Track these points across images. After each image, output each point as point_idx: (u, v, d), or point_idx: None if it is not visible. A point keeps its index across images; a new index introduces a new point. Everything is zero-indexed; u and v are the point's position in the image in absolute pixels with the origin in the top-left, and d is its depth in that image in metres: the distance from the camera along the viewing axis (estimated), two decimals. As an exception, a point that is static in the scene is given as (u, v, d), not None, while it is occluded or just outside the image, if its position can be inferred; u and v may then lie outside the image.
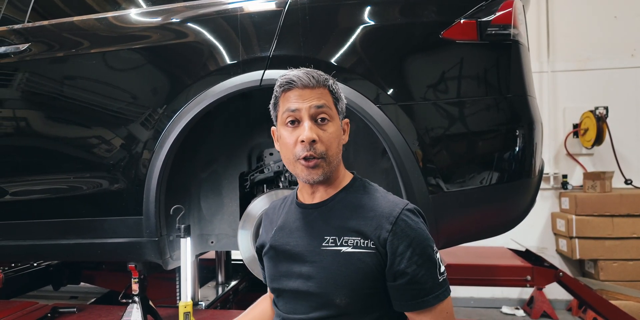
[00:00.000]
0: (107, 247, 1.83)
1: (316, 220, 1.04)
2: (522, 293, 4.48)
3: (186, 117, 1.69)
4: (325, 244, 1.00)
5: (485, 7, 1.65)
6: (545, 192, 4.58)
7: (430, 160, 1.61)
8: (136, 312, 1.88)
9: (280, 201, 1.20)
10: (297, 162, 1.00)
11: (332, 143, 1.00)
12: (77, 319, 2.18)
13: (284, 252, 1.06)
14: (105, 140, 1.84)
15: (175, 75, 1.80)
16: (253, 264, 1.84)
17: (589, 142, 4.34)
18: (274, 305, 1.11)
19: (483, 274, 3.15)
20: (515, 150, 1.65)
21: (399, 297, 0.96)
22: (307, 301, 1.00)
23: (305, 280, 1.00)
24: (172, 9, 1.85)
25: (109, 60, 1.85)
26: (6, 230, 1.95)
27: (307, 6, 1.70)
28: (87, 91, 1.86)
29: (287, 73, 1.02)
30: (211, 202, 2.06)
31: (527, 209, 1.76)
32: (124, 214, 1.80)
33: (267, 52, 1.68)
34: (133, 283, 1.90)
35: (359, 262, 0.96)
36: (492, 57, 1.66)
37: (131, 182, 1.78)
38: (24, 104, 1.95)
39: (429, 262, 0.94)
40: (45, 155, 1.93)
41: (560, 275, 3.01)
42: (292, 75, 1.01)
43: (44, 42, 1.93)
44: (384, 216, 0.97)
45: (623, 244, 4.02)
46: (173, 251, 1.85)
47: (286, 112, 1.01)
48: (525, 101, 1.69)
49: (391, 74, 1.66)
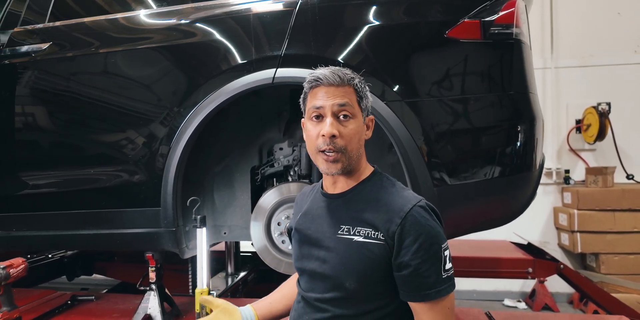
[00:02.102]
0: (126, 237, 1.91)
1: (335, 210, 1.12)
2: (524, 286, 4.55)
3: (201, 114, 1.77)
4: (341, 232, 1.08)
5: (489, 7, 1.71)
6: (547, 187, 4.64)
7: (435, 154, 1.69)
8: (153, 299, 1.97)
9: (310, 188, 1.29)
10: (318, 155, 1.08)
11: (352, 138, 1.07)
12: (96, 306, 2.28)
13: (305, 235, 1.15)
14: (125, 136, 1.93)
15: (191, 73, 1.87)
16: (265, 253, 1.93)
17: (591, 138, 4.39)
18: (298, 284, 1.19)
19: (486, 266, 3.23)
20: (517, 145, 1.72)
21: (402, 287, 1.03)
22: (322, 282, 1.09)
23: (322, 263, 1.09)
24: (183, 10, 1.93)
25: (128, 59, 1.93)
26: (30, 221, 2.05)
27: (317, 6, 1.77)
28: (106, 89, 1.94)
29: (316, 71, 1.09)
30: (224, 195, 2.15)
31: (528, 202, 1.83)
32: (143, 206, 1.88)
33: (278, 51, 1.75)
34: (150, 271, 1.99)
35: (368, 251, 1.03)
36: (495, 56, 1.72)
37: (150, 175, 1.86)
38: (46, 101, 2.04)
39: (434, 258, 1.00)
40: (67, 150, 2.02)
41: (561, 267, 3.09)
42: (320, 73, 1.08)
43: (65, 41, 2.01)
44: (396, 211, 1.04)
45: (624, 238, 4.08)
46: (189, 241, 1.94)
47: (312, 108, 1.08)
48: (527, 98, 1.76)
49: (398, 72, 1.73)
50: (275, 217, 1.92)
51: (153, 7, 2.06)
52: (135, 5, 2.09)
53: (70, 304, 2.27)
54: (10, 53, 2.05)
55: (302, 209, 1.22)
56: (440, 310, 1.00)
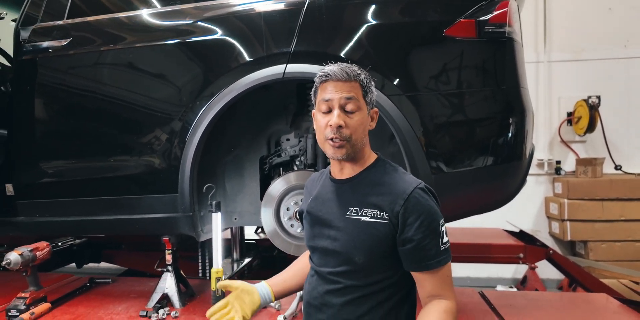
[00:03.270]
0: (145, 221, 2.04)
1: (343, 193, 1.25)
2: (515, 273, 4.73)
3: (217, 106, 1.90)
4: (349, 213, 1.21)
5: (484, 7, 1.84)
6: (539, 178, 4.81)
7: (433, 144, 1.83)
8: (170, 280, 2.11)
9: (318, 175, 1.42)
10: (326, 142, 1.21)
11: (357, 129, 1.19)
12: (112, 288, 2.42)
13: (317, 217, 1.28)
14: (144, 127, 2.05)
15: (207, 68, 1.99)
16: (275, 236, 2.06)
17: (581, 130, 4.55)
18: (310, 260, 1.33)
19: (479, 252, 3.39)
20: (508, 135, 1.86)
21: (406, 259, 1.17)
22: (334, 258, 1.23)
23: (333, 241, 1.22)
24: (200, 7, 2.05)
25: (147, 55, 2.05)
26: (53, 208, 2.17)
27: (324, 6, 1.89)
28: (126, 83, 2.07)
29: (326, 67, 1.21)
30: (234, 182, 2.28)
31: (518, 188, 1.98)
32: (161, 192, 2.01)
33: (288, 48, 1.88)
34: (167, 254, 2.13)
35: (374, 230, 1.17)
36: (489, 53, 1.85)
37: (168, 164, 1.99)
38: (65, 95, 2.15)
39: (434, 233, 1.14)
40: (88, 141, 2.14)
41: (550, 253, 3.26)
42: (329, 69, 1.20)
43: (84, 37, 2.13)
44: (399, 193, 1.17)
45: (612, 226, 4.26)
46: (204, 225, 2.07)
47: (322, 101, 1.21)
48: (518, 92, 1.89)
49: (399, 68, 1.87)
50: (284, 203, 2.06)
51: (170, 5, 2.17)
52: (153, 3, 2.20)
53: (89, 286, 2.41)
54: (31, 48, 2.16)
55: (313, 193, 1.35)
56: (440, 277, 1.16)
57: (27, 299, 1.99)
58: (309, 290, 1.30)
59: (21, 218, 2.21)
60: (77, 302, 2.19)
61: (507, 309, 2.03)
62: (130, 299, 2.22)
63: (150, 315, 1.95)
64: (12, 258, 1.96)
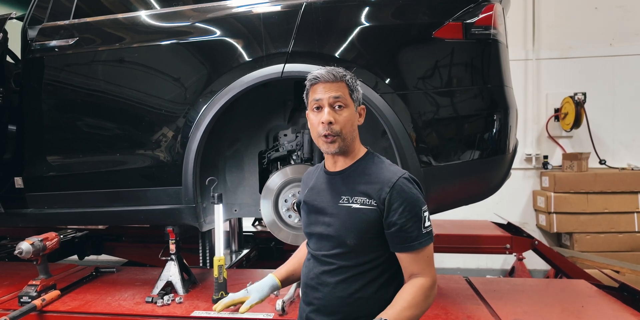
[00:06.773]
0: (150, 212, 2.15)
1: (336, 184, 1.39)
2: (504, 264, 4.90)
3: (219, 102, 2.01)
4: (341, 201, 1.34)
5: (471, 10, 1.96)
6: (527, 172, 4.96)
7: (422, 140, 1.95)
8: (174, 268, 2.22)
9: (314, 168, 1.55)
10: (319, 138, 1.34)
11: (346, 124, 1.32)
12: (118, 277, 2.53)
13: (313, 206, 1.41)
14: (150, 124, 2.15)
15: (210, 67, 2.09)
16: (273, 226, 2.18)
17: (568, 126, 4.70)
18: (307, 246, 1.46)
19: (468, 243, 3.53)
20: (493, 131, 1.99)
21: (391, 241, 1.30)
22: (328, 241, 1.36)
23: (327, 226, 1.36)
24: (204, 8, 2.15)
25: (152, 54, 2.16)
26: (62, 200, 2.27)
27: (320, 8, 2.00)
28: (131, 81, 2.17)
29: (314, 71, 1.35)
30: (234, 176, 2.39)
31: (502, 180, 2.11)
32: (166, 185, 2.13)
33: (286, 48, 1.99)
34: (171, 244, 2.24)
35: (364, 215, 1.30)
36: (475, 54, 1.97)
37: (173, 158, 2.10)
38: (72, 93, 2.24)
39: (416, 217, 1.27)
40: (95, 136, 2.24)
41: (536, 243, 3.40)
42: (317, 72, 1.34)
43: (91, 36, 2.22)
44: (385, 182, 1.30)
45: (596, 218, 4.43)
46: (206, 216, 2.19)
47: (313, 101, 1.34)
48: (503, 90, 2.01)
49: (390, 67, 1.99)
50: (282, 195, 2.18)
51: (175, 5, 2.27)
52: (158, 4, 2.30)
53: (95, 275, 2.51)
54: (39, 47, 2.25)
55: (309, 185, 1.49)
56: (422, 258, 1.29)
57: (38, 286, 2.09)
58: (306, 272, 1.43)
59: (30, 210, 2.32)
60: (85, 290, 2.29)
61: (491, 294, 2.16)
62: (135, 286, 2.33)
63: (156, 301, 2.06)
64: (24, 247, 2.05)
